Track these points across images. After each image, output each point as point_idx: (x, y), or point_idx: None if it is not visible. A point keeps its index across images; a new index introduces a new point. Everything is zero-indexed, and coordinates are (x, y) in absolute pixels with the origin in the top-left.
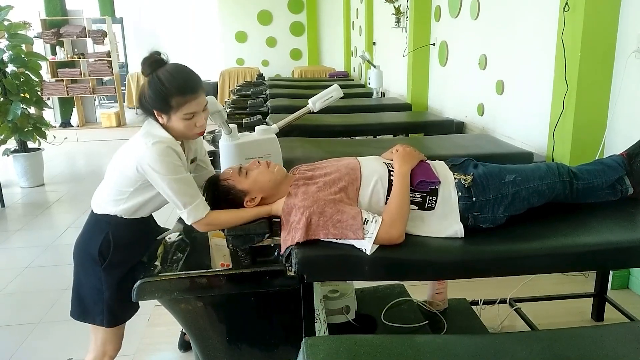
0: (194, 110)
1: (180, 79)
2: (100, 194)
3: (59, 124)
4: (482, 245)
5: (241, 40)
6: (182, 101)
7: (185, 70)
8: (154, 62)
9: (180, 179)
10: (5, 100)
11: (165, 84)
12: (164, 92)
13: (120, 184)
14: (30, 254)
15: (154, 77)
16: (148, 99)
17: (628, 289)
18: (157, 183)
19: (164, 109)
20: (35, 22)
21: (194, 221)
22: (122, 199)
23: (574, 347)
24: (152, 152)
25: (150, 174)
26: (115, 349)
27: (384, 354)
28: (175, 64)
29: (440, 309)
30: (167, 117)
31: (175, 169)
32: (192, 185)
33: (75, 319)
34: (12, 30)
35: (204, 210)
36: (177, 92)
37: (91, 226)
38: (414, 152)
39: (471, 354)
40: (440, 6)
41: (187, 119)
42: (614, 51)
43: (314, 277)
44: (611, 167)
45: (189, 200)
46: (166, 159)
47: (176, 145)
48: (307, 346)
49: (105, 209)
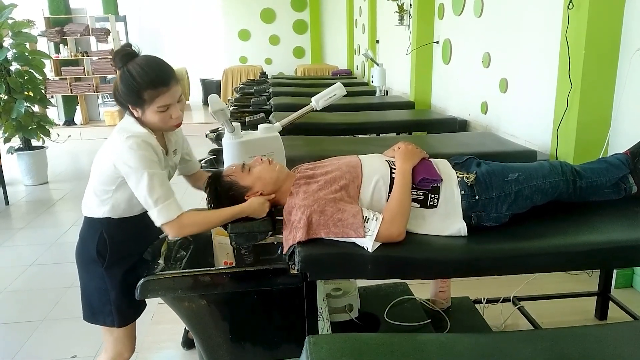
0: (168, 103)
1: (151, 72)
2: (87, 197)
3: (62, 122)
4: (485, 244)
5: (244, 38)
6: (155, 94)
7: (156, 62)
8: (125, 55)
9: (153, 174)
10: (9, 99)
11: (137, 77)
12: (135, 86)
13: (102, 182)
14: (34, 252)
15: (125, 71)
16: (121, 94)
17: (632, 288)
18: (129, 178)
19: (137, 102)
20: (39, 21)
21: (164, 222)
22: (106, 199)
23: (577, 346)
24: (126, 146)
25: (124, 169)
26: (130, 350)
27: (387, 352)
28: (145, 57)
29: (443, 307)
30: (141, 110)
31: (149, 163)
32: (166, 184)
33: (88, 322)
34: (16, 29)
35: (176, 211)
36: (149, 86)
37: (85, 229)
38: (416, 150)
39: (474, 353)
40: (443, 4)
41: (162, 111)
42: (619, 49)
43: (316, 275)
44: (615, 165)
45: (161, 199)
46: (139, 153)
47: (151, 138)
48: (310, 344)
49: (92, 211)
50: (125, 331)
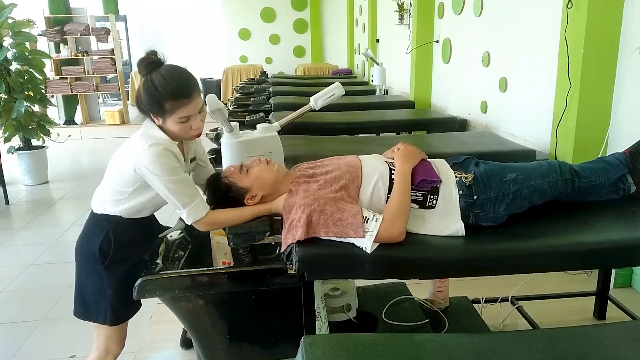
0: (189, 114)
1: (174, 84)
2: (100, 193)
3: (63, 122)
4: (483, 244)
5: (245, 38)
6: (176, 105)
7: (180, 73)
8: (150, 63)
9: (178, 179)
10: (9, 98)
11: (159, 88)
12: (157, 96)
13: (120, 184)
14: (34, 252)
15: (148, 80)
16: (143, 102)
17: (631, 287)
18: (155, 184)
19: (158, 112)
20: (39, 20)
21: (193, 221)
22: (121, 199)
23: (574, 345)
24: (149, 154)
25: (147, 175)
26: (119, 348)
27: (383, 352)
28: (170, 67)
29: (441, 307)
30: (162, 119)
31: (173, 170)
32: (191, 185)
33: (79, 317)
34: (16, 28)
35: (204, 209)
36: (171, 97)
37: (91, 225)
38: (415, 151)
39: (470, 353)
40: (443, 3)
41: (182, 122)
42: (618, 48)
43: (314, 276)
44: (613, 165)
45: (188, 201)
46: (163, 161)
47: (173, 146)
48: (306, 344)
49: (105, 208)
50: (117, 329)
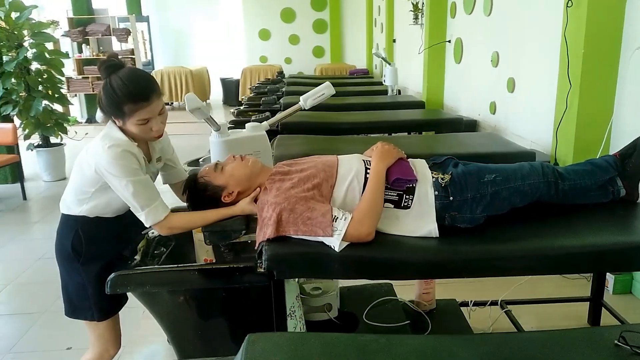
0: (148, 117)
1: (132, 87)
2: (65, 194)
3: (85, 120)
4: (455, 245)
5: (264, 38)
6: (134, 108)
7: (138, 76)
8: (109, 66)
9: (137, 181)
10: (28, 97)
11: (117, 91)
12: (116, 99)
13: (82, 184)
14: (46, 246)
15: (107, 83)
16: (104, 104)
17: (631, 294)
18: (114, 185)
19: (118, 114)
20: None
21: (152, 223)
22: (85, 199)
23: (521, 351)
24: (108, 155)
25: (107, 176)
26: (115, 346)
27: (324, 352)
28: (129, 69)
29: (426, 309)
30: (122, 121)
31: (131, 171)
32: (151, 187)
33: (69, 317)
34: (36, 29)
35: (163, 212)
36: (129, 100)
37: (61, 226)
38: (392, 150)
39: (412, 355)
40: (455, 2)
41: (142, 124)
42: (619, 48)
43: (283, 274)
44: (601, 167)
45: (147, 203)
46: (121, 162)
47: (133, 147)
48: (248, 342)
49: (70, 209)
50: (108, 326)
